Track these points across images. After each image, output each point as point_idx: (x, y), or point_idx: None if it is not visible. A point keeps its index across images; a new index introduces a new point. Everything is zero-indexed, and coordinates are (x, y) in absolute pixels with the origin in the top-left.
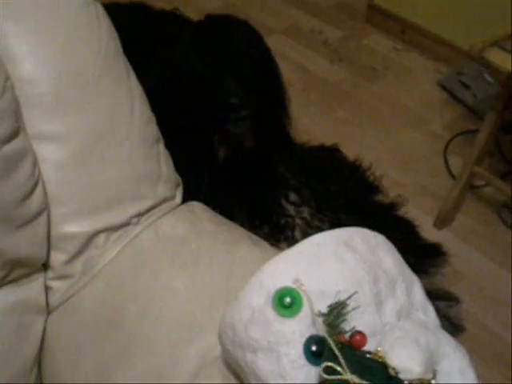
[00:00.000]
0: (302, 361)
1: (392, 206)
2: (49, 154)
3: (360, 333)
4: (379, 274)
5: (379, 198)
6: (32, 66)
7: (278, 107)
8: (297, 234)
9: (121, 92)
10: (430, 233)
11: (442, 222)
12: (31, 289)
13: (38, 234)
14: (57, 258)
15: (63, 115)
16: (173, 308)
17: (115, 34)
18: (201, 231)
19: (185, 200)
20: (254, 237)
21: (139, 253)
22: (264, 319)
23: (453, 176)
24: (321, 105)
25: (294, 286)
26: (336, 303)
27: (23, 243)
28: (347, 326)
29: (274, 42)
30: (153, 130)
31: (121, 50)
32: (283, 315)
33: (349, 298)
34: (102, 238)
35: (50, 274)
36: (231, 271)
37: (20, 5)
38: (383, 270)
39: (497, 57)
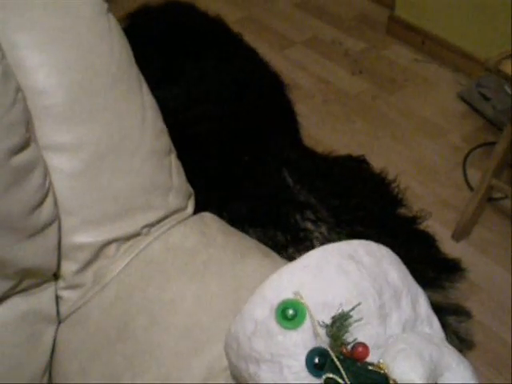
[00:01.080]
0: (305, 373)
1: (413, 220)
2: (60, 165)
3: (362, 344)
4: (384, 286)
5: (402, 211)
6: (43, 77)
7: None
8: (316, 244)
9: (133, 102)
10: (448, 245)
11: (460, 234)
12: (42, 298)
13: (48, 243)
14: (68, 267)
15: (75, 126)
16: (181, 319)
17: (128, 45)
18: (210, 242)
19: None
20: (264, 248)
21: (149, 263)
22: (267, 331)
23: (471, 188)
24: (341, 116)
25: (294, 296)
26: (339, 315)
27: (34, 253)
28: (350, 337)
29: (294, 54)
30: (165, 141)
31: (133, 61)
32: (286, 327)
33: (352, 309)
34: (112, 248)
35: (60, 283)
36: (240, 282)
37: (31, 15)
38: (388, 282)
39: None
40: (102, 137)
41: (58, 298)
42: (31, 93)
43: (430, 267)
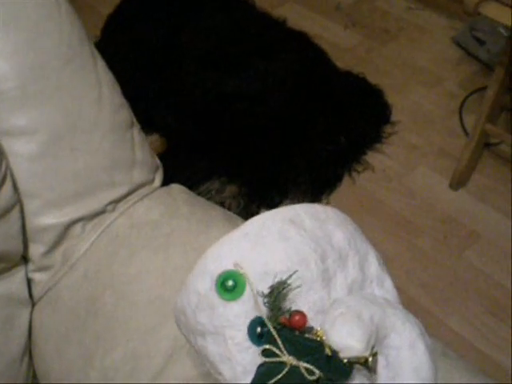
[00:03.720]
0: (248, 343)
1: None
2: (18, 149)
3: (299, 312)
4: (327, 249)
5: None
6: None
7: None
8: None
9: (87, 80)
10: (446, 194)
11: (457, 182)
12: (13, 282)
13: (10, 228)
14: (35, 250)
15: (29, 109)
16: (146, 292)
17: (79, 22)
18: (175, 214)
19: None
20: (230, 215)
21: (114, 239)
22: (209, 304)
23: (468, 135)
24: None
25: (234, 267)
26: (276, 283)
27: None
28: (294, 305)
29: (286, 12)
30: (125, 115)
31: (85, 38)
32: (226, 299)
33: (289, 277)
34: (78, 227)
35: (30, 266)
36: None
37: None
38: (332, 244)
39: (494, 11)
40: (57, 117)
41: (29, 281)
42: None
43: None
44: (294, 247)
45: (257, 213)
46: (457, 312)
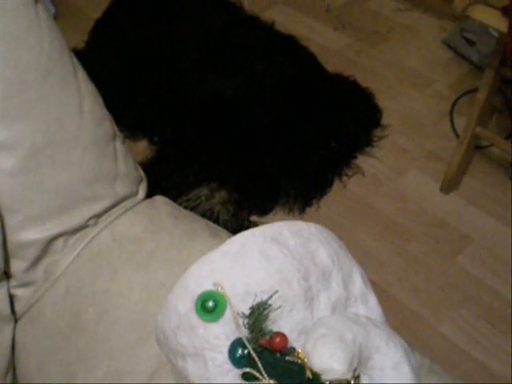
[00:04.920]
0: (228, 365)
1: None
2: None
3: (280, 334)
4: (310, 267)
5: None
6: None
7: None
8: None
9: (67, 92)
10: (437, 198)
11: (448, 186)
12: None
13: None
14: (17, 265)
15: (8, 123)
16: (129, 309)
17: (58, 34)
18: (158, 228)
19: None
20: (214, 227)
21: (96, 255)
22: (189, 325)
23: (459, 138)
24: None
25: (214, 287)
26: (257, 304)
27: None
28: (275, 326)
29: (276, 15)
30: (107, 127)
31: (66, 49)
32: (206, 320)
33: (269, 298)
34: (60, 242)
35: (13, 282)
36: (188, 267)
37: None
38: (315, 263)
39: (483, 14)
40: (37, 131)
41: (12, 297)
42: None
43: None
44: (275, 266)
45: (247, 220)
46: (448, 317)
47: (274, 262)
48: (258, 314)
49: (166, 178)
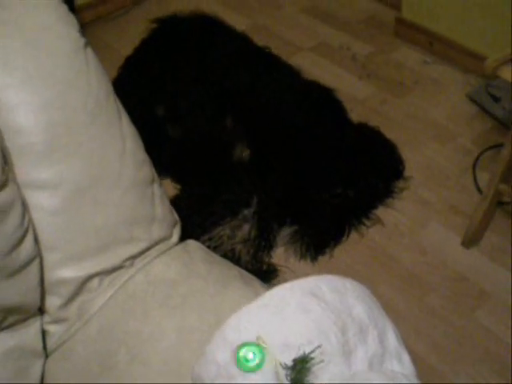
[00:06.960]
0: None
1: None
2: (41, 202)
3: None
4: (348, 322)
5: None
6: (22, 117)
7: None
8: None
9: (111, 135)
10: (457, 252)
11: (469, 241)
12: (28, 333)
13: (29, 281)
14: (52, 302)
15: (54, 163)
16: (161, 352)
17: (105, 77)
18: (192, 273)
19: None
20: (247, 275)
21: (131, 296)
22: (228, 375)
23: (482, 193)
24: None
25: (256, 341)
26: (300, 357)
27: (15, 291)
28: (313, 378)
29: (301, 60)
30: (146, 171)
31: (112, 92)
32: (246, 370)
33: (312, 352)
34: (95, 281)
35: (46, 318)
36: (221, 314)
37: (9, 56)
38: (353, 318)
39: None
40: (81, 172)
41: (44, 333)
42: (9, 132)
43: None
44: (314, 320)
45: (267, 263)
46: (465, 371)
47: (312, 316)
48: (300, 367)
49: (188, 218)
